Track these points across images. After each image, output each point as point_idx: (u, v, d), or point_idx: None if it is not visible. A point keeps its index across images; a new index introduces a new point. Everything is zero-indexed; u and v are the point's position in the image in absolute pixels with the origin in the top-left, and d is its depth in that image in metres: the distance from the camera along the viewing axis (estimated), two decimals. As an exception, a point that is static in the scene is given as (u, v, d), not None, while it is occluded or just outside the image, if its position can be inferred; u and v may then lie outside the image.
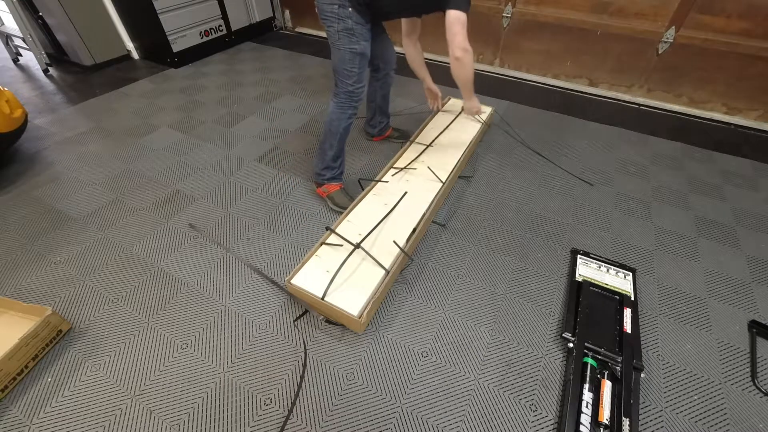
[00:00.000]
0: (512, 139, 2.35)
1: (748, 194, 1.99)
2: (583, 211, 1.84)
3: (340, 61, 1.54)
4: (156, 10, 2.82)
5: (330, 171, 1.78)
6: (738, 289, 1.51)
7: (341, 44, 1.50)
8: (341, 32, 1.48)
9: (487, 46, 3.12)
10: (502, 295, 1.46)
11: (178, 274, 1.50)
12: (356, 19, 1.46)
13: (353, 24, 1.46)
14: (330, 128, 1.67)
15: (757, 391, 1.20)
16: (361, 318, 1.22)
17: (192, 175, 2.01)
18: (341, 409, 1.13)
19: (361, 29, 1.48)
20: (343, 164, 1.81)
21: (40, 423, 1.09)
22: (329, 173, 1.78)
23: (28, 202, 1.82)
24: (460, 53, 1.49)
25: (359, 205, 1.66)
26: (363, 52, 1.53)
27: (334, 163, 1.76)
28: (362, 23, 1.48)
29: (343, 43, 1.49)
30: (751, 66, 2.36)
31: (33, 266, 1.52)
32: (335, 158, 1.75)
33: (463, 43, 1.47)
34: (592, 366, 1.19)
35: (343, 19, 1.45)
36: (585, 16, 2.64)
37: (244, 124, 2.45)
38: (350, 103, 1.61)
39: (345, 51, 1.50)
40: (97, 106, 2.62)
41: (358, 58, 1.52)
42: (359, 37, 1.49)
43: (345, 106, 1.62)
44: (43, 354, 1.22)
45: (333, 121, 1.65)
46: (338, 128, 1.66)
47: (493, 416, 1.13)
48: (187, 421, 1.10)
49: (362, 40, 1.50)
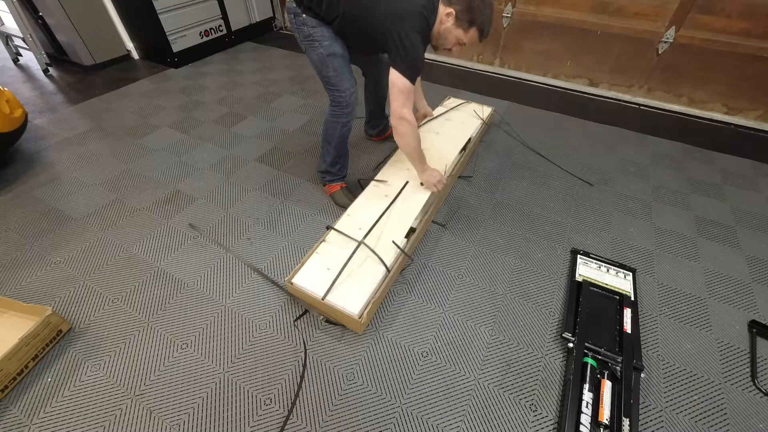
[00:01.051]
0: (512, 139, 2.35)
1: (748, 194, 1.99)
2: (583, 211, 1.84)
3: (318, 70, 1.51)
4: (156, 10, 2.81)
5: (329, 174, 1.80)
6: (738, 289, 1.51)
7: (309, 53, 1.47)
8: (304, 41, 1.45)
9: (487, 46, 3.11)
10: (502, 295, 1.46)
11: (178, 274, 1.50)
12: (311, 24, 1.40)
13: (309, 30, 1.41)
14: (325, 135, 1.68)
15: (757, 391, 1.20)
16: (361, 318, 1.23)
17: (192, 175, 2.01)
18: (341, 409, 1.13)
19: (321, 31, 1.41)
20: (343, 168, 1.81)
21: (40, 423, 1.09)
22: (329, 176, 1.80)
23: (28, 202, 1.82)
24: (394, 121, 1.37)
25: (359, 199, 1.66)
26: (331, 53, 1.44)
27: (332, 168, 1.77)
28: (317, 25, 1.41)
29: (310, 50, 1.46)
30: (751, 66, 2.36)
31: (33, 266, 1.52)
32: (333, 163, 1.75)
33: (398, 111, 1.33)
34: (592, 366, 1.19)
35: (301, 27, 1.42)
36: (585, 16, 2.64)
37: (244, 124, 2.45)
38: (341, 111, 1.57)
39: (314, 57, 1.47)
40: (97, 106, 2.62)
41: (330, 59, 1.45)
42: (320, 39, 1.42)
43: (337, 114, 1.58)
44: (43, 354, 1.22)
45: (327, 129, 1.65)
46: (333, 136, 1.65)
47: (493, 416, 1.13)
48: (187, 421, 1.10)
49: (324, 41, 1.43)
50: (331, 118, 1.60)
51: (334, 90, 1.53)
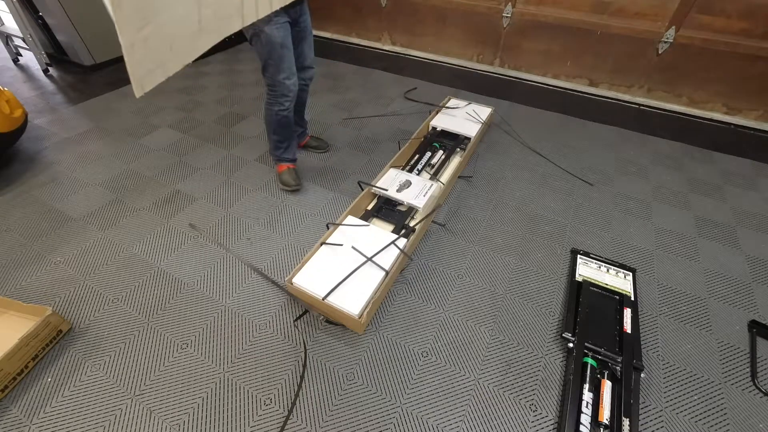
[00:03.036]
0: (512, 139, 2.35)
1: (748, 194, 1.99)
2: (583, 211, 1.84)
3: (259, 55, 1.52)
4: (156, 10, 2.81)
5: (275, 155, 1.91)
6: (738, 289, 1.51)
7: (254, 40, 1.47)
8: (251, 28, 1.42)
9: (487, 46, 3.12)
10: (502, 295, 1.46)
11: (178, 274, 1.50)
12: None
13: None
14: (264, 119, 1.76)
15: (757, 391, 1.20)
16: (361, 318, 1.23)
17: (192, 175, 2.01)
18: (341, 409, 1.13)
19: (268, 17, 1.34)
20: (288, 150, 1.88)
21: (40, 423, 1.09)
22: (275, 156, 1.91)
23: (28, 202, 1.82)
24: None
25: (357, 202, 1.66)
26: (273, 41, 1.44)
27: (276, 151, 1.88)
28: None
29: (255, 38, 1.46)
30: (751, 66, 2.36)
31: (33, 266, 1.52)
32: (276, 147, 1.86)
33: None
34: (592, 366, 1.19)
35: None
36: (585, 16, 2.64)
37: (244, 124, 2.45)
38: (273, 98, 1.63)
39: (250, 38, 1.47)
40: (97, 106, 2.62)
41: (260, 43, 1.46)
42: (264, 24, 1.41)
43: (270, 102, 1.66)
44: (43, 354, 1.22)
45: (264, 114, 1.73)
46: (270, 120, 1.73)
47: (493, 416, 1.13)
48: (187, 421, 1.10)
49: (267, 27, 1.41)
50: (265, 105, 1.69)
51: (265, 74, 1.58)
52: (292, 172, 1.90)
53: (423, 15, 3.16)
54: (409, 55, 3.44)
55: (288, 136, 1.82)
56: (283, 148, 1.86)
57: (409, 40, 3.42)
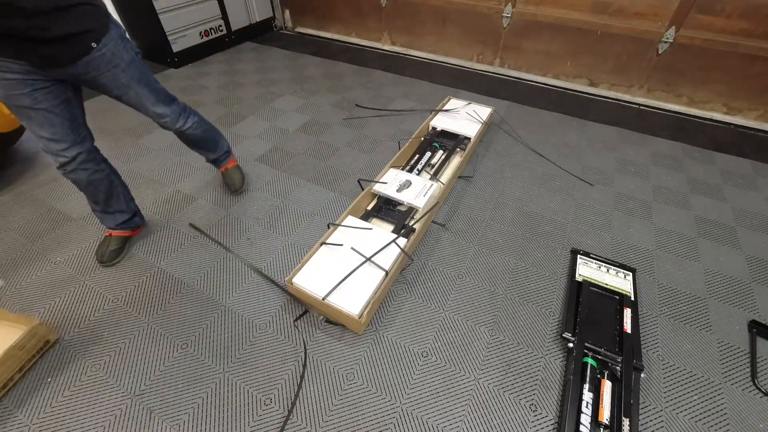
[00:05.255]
0: (512, 139, 2.35)
1: (748, 194, 1.99)
2: (583, 211, 1.84)
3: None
4: (156, 10, 2.81)
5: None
6: (738, 289, 1.51)
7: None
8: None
9: (487, 46, 3.12)
10: (502, 295, 1.46)
11: (178, 274, 1.50)
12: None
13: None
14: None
15: (757, 391, 1.20)
16: (361, 318, 1.23)
17: (192, 175, 2.01)
18: (341, 409, 1.13)
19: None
20: (107, 217, 1.52)
21: (40, 423, 1.09)
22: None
23: (28, 202, 1.82)
24: None
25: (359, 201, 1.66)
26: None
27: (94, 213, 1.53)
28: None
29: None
30: (751, 66, 2.36)
31: (33, 266, 1.52)
32: (92, 209, 1.52)
33: None
34: (592, 366, 1.19)
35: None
36: (585, 16, 2.64)
37: (244, 124, 2.45)
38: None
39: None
40: (97, 106, 2.62)
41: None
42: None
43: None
44: (29, 365, 1.19)
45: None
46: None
47: (493, 416, 1.13)
48: (187, 421, 1.10)
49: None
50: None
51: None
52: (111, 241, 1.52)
53: (423, 15, 3.16)
54: (409, 55, 3.45)
55: (98, 199, 1.44)
56: (98, 211, 1.49)
57: (409, 40, 3.42)
